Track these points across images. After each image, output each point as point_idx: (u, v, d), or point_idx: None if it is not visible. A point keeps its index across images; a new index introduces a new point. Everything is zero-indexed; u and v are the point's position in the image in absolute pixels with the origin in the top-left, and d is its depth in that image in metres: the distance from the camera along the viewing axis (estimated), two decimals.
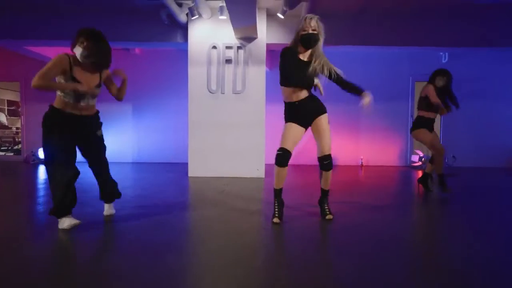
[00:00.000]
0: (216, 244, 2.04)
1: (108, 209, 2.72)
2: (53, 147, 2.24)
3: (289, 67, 2.46)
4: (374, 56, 6.78)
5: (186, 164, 6.76)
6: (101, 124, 2.59)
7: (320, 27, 2.47)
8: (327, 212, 2.66)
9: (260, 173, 5.01)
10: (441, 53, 6.61)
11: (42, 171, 5.83)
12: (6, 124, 8.61)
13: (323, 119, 2.54)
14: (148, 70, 7.20)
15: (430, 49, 5.71)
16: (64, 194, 2.21)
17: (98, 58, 2.26)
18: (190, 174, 5.05)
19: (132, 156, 7.30)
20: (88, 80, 2.29)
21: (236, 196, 3.53)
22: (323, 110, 2.56)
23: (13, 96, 9.18)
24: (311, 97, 2.56)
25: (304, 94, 2.51)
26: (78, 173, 2.34)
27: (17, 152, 8.01)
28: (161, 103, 7.21)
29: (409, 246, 2.11)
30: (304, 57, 2.54)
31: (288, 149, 2.47)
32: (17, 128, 9.18)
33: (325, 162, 2.54)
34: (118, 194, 2.74)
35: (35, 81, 2.09)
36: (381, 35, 5.19)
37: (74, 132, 2.34)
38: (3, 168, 6.31)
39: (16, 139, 8.58)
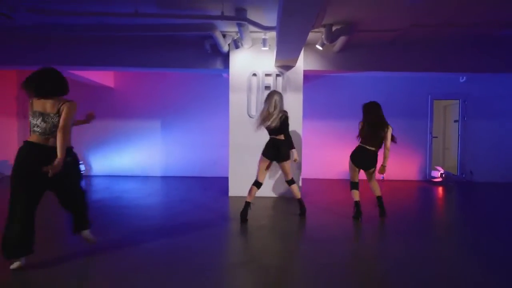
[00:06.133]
0: None
1: (87, 235, 2.76)
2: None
3: None
4: (395, 76, 7.11)
5: (213, 178, 7.07)
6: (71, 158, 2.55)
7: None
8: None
9: None
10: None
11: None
12: None
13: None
14: (176, 88, 7.48)
15: (449, 74, 6.07)
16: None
17: (28, 85, 2.43)
18: (230, 194, 5.34)
19: (160, 170, 7.56)
20: (43, 106, 2.41)
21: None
22: None
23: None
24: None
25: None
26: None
27: None
28: (188, 119, 7.50)
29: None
30: None
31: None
32: None
33: None
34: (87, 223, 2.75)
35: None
36: (406, 63, 5.50)
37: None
38: None
39: None
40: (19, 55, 5.43)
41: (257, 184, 3.93)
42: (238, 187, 5.33)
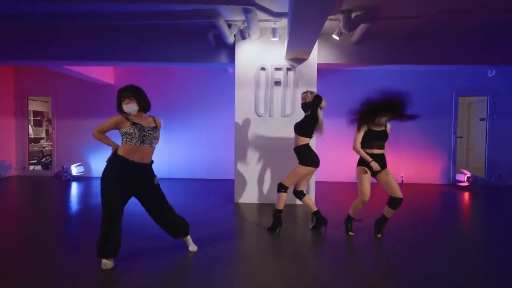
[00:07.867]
0: None
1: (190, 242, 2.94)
2: (109, 194, 2.47)
3: None
4: (417, 69, 6.54)
5: (219, 180, 6.63)
6: (155, 175, 2.75)
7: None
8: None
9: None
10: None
11: (75, 187, 5.73)
12: (32, 136, 8.49)
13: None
14: (178, 84, 7.05)
15: (477, 68, 5.48)
16: (107, 239, 2.48)
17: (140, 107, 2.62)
18: (236, 200, 4.88)
19: (163, 172, 7.16)
20: (145, 122, 2.62)
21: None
22: None
23: (39, 107, 9.09)
24: None
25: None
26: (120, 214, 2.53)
27: (45, 166, 7.89)
28: (191, 117, 7.07)
29: None
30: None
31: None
32: (41, 139, 9.08)
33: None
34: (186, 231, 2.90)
35: (94, 132, 2.54)
36: (428, 55, 4.91)
37: (134, 181, 2.55)
38: (39, 183, 6.21)
39: (44, 152, 8.48)
40: (12, 51, 5.07)
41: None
42: (245, 193, 4.87)
